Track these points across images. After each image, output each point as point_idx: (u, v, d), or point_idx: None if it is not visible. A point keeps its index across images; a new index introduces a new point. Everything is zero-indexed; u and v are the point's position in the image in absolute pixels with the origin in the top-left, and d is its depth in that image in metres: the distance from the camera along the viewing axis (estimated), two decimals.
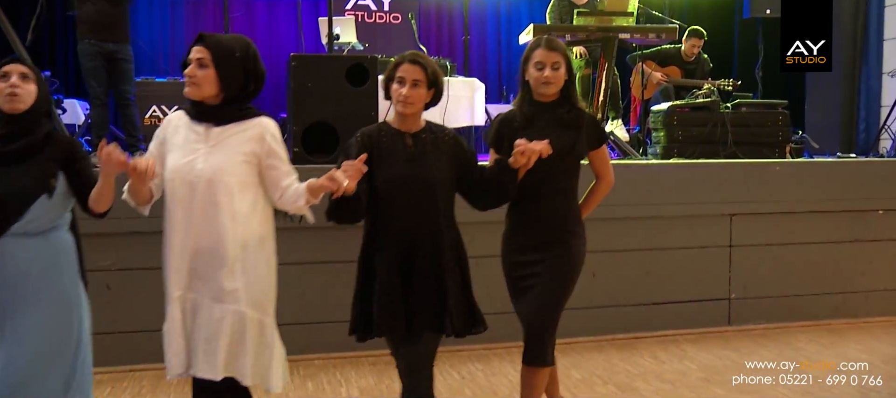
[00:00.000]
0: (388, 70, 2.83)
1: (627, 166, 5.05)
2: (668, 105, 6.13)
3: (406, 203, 2.78)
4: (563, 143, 2.96)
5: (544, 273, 3.03)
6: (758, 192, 5.18)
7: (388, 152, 2.81)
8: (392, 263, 2.78)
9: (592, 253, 4.92)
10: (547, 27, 5.92)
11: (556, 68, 2.96)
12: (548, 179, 2.99)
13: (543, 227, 3.03)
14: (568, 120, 3.00)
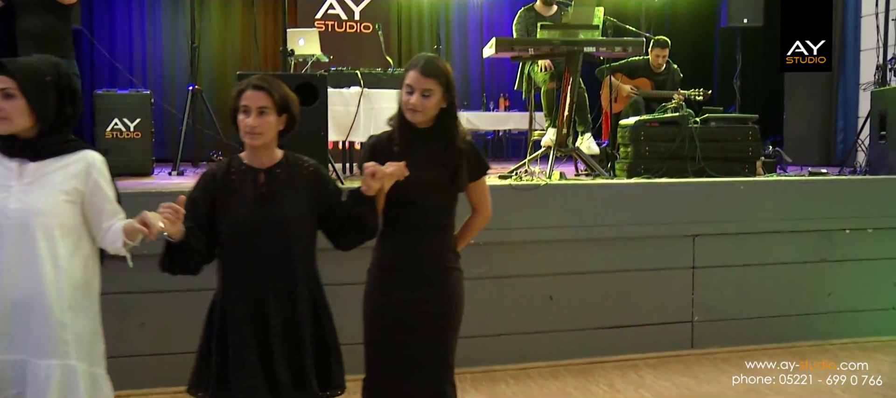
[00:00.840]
0: (233, 98, 2.57)
1: (586, 187, 4.93)
2: (635, 120, 6.01)
3: (255, 249, 2.51)
4: (440, 176, 2.74)
5: (428, 317, 2.76)
6: (721, 212, 5.07)
7: (236, 192, 2.53)
8: (244, 317, 2.51)
9: (549, 276, 4.88)
10: (510, 41, 5.78)
11: (426, 95, 2.67)
12: (425, 213, 2.75)
13: (422, 264, 2.76)
14: (445, 156, 2.74)
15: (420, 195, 2.70)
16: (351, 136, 6.27)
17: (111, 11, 9.23)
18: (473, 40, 11.13)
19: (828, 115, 8.33)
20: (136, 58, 9.05)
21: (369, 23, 8.12)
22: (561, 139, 5.79)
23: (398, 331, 2.75)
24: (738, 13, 8.31)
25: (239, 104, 2.53)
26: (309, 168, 2.66)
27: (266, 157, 2.59)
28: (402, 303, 2.74)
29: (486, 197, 2.98)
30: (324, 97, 4.61)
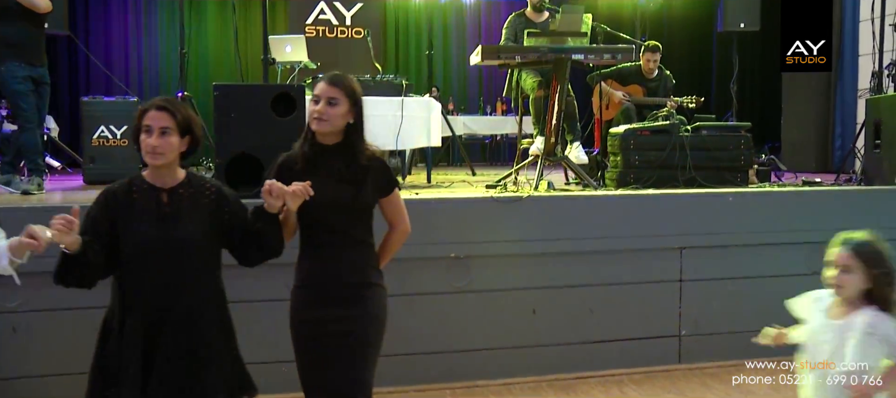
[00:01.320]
0: (135, 118, 2.55)
1: (570, 198, 4.83)
2: (625, 128, 5.90)
3: (155, 269, 2.50)
4: (346, 193, 2.71)
5: (350, 332, 2.71)
6: (709, 224, 4.96)
7: (138, 211, 2.52)
8: (136, 337, 2.47)
9: (532, 289, 4.79)
10: (496, 48, 5.69)
11: (332, 104, 2.68)
12: (336, 231, 2.73)
13: (339, 282, 2.73)
14: (349, 174, 2.71)
15: (327, 213, 2.68)
16: None
17: (100, 17, 9.18)
18: (471, 44, 11.05)
19: (825, 120, 8.21)
20: (127, 64, 8.99)
21: (361, 28, 8.04)
22: (549, 148, 5.70)
23: (318, 351, 2.72)
24: (735, 18, 8.19)
25: (141, 124, 2.52)
26: (212, 188, 2.66)
27: (169, 176, 2.59)
28: (319, 322, 2.71)
29: (402, 212, 2.96)
30: (301, 108, 4.52)
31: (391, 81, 6.45)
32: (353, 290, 2.74)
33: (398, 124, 6.23)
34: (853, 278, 2.68)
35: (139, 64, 9.56)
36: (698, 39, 10.35)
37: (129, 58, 9.54)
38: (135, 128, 2.55)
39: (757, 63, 9.93)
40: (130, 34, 9.53)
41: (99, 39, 9.35)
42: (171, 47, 9.17)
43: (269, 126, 4.47)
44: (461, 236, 4.59)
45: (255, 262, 2.72)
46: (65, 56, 9.27)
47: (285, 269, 2.92)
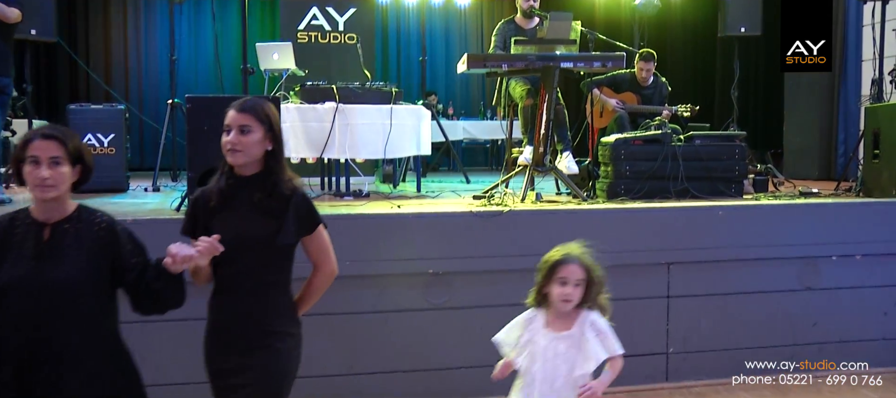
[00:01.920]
0: (17, 149, 2.32)
1: (553, 212, 4.70)
2: (616, 137, 5.77)
3: (24, 312, 2.26)
4: (264, 229, 2.51)
5: (249, 385, 2.50)
6: (698, 238, 4.82)
7: (15, 248, 2.30)
8: (7, 389, 2.25)
9: (514, 306, 4.63)
10: (482, 56, 5.58)
11: (244, 132, 2.51)
12: (250, 272, 2.52)
13: (246, 328, 2.51)
14: (268, 206, 2.52)
15: (241, 252, 2.48)
16: (326, 152, 6.08)
17: (90, 24, 9.13)
18: (469, 49, 10.93)
19: (829, 127, 8.02)
20: (118, 71, 8.93)
21: (354, 34, 7.93)
22: (538, 158, 5.57)
23: (230, 390, 2.53)
24: (735, 22, 8.03)
25: (25, 154, 2.28)
26: (102, 225, 2.41)
27: (56, 210, 2.36)
28: (220, 373, 2.54)
29: (326, 252, 2.73)
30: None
31: (380, 89, 6.33)
32: (259, 339, 2.53)
33: (387, 133, 6.12)
34: (581, 290, 2.88)
35: (129, 71, 9.52)
36: (701, 44, 10.15)
37: (120, 65, 9.49)
38: (17, 158, 2.32)
39: (760, 68, 9.73)
40: (121, 41, 9.48)
41: (88, 46, 9.31)
42: (162, 54, 9.11)
43: None
44: (440, 252, 4.47)
45: (149, 313, 2.46)
46: (52, 63, 9.23)
47: None
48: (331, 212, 4.60)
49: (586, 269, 2.91)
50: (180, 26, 9.08)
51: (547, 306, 2.94)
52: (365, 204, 5.32)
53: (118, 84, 9.26)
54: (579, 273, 2.89)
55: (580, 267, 2.90)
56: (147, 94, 9.57)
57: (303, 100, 6.20)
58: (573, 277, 2.88)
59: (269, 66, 6.61)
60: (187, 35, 9.35)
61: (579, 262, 2.92)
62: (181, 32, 8.38)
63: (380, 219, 4.45)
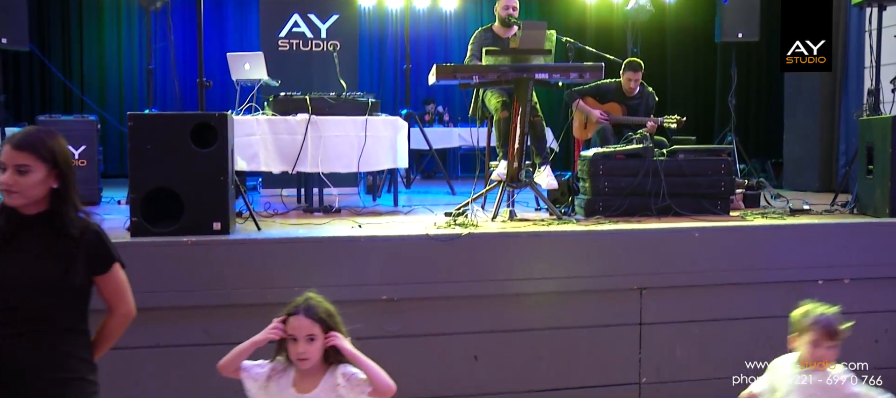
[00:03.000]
0: None
1: (514, 235, 4.44)
2: (594, 152, 5.51)
3: None
4: (51, 271, 2.27)
5: None
6: (673, 262, 4.55)
7: None
8: None
9: (474, 334, 4.42)
10: (452, 67, 5.31)
11: (22, 172, 2.25)
12: (36, 318, 2.27)
13: (36, 378, 2.27)
14: (56, 249, 2.28)
15: (26, 297, 2.25)
16: (298, 166, 5.88)
17: (63, 31, 9.00)
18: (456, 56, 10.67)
19: (830, 137, 7.69)
20: (93, 80, 8.79)
21: (337, 41, 7.70)
22: (513, 173, 5.32)
23: None
24: (732, 27, 7.72)
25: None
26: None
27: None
28: None
29: (122, 292, 2.50)
30: (223, 139, 4.21)
31: (355, 99, 6.11)
32: (51, 389, 2.29)
33: (361, 145, 5.91)
34: (318, 345, 2.58)
35: (107, 80, 9.37)
36: (701, 50, 9.83)
37: (96, 74, 9.34)
38: None
39: (762, 74, 9.42)
40: (95, 49, 9.34)
41: (64, 55, 9.17)
42: (140, 63, 8.96)
43: (188, 158, 4.18)
44: (394, 277, 4.24)
45: None
46: (26, 72, 9.10)
47: None
48: (283, 234, 4.39)
49: (320, 321, 2.59)
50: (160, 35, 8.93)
51: None
52: (329, 221, 5.11)
53: (93, 93, 9.12)
54: (308, 328, 2.58)
55: (309, 320, 2.58)
56: (126, 104, 9.43)
57: (275, 111, 6.00)
58: (301, 333, 2.58)
59: (240, 76, 6.41)
60: (165, 43, 9.18)
61: (306, 314, 2.60)
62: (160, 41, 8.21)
63: (330, 242, 4.23)
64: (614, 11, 9.70)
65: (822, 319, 2.96)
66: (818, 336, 2.95)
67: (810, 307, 3.04)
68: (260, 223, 4.91)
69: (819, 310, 3.01)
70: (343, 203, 6.39)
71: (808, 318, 2.99)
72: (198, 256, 4.07)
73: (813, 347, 2.95)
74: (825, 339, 2.94)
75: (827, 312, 2.99)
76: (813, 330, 2.95)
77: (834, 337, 2.95)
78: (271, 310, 4.13)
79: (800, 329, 3.01)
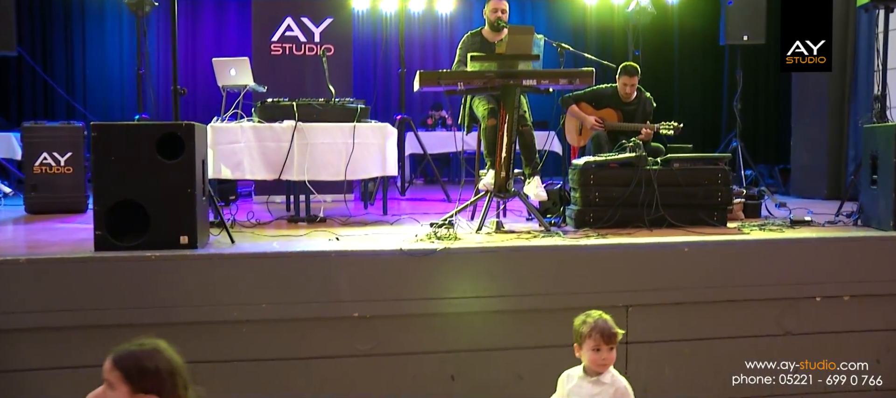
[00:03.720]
0: None
1: (493, 249, 4.26)
2: (585, 161, 5.31)
3: None
4: None
5: None
6: (661, 278, 4.35)
7: None
8: None
9: (451, 352, 4.24)
10: (435, 74, 5.14)
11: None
12: None
13: None
14: None
15: None
16: (284, 174, 5.73)
17: (53, 37, 8.91)
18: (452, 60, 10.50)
19: (838, 142, 7.42)
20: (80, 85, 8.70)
21: (331, 45, 7.55)
22: (500, 183, 5.14)
23: None
24: (737, 29, 7.49)
25: None
26: None
27: None
28: None
29: None
30: (191, 149, 4.06)
31: (344, 106, 5.96)
32: None
33: (349, 153, 5.76)
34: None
35: (93, 85, 9.29)
36: (709, 53, 9.57)
37: (82, 78, 9.26)
38: None
39: (771, 78, 9.16)
40: (85, 54, 9.24)
41: (52, 60, 9.09)
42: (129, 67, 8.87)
43: (154, 170, 4.04)
44: (366, 294, 4.08)
45: None
46: (14, 77, 9.03)
47: None
48: (251, 249, 4.24)
49: (124, 373, 2.11)
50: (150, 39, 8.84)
51: None
52: (308, 233, 4.95)
53: (84, 98, 9.04)
54: (107, 373, 2.12)
55: (110, 365, 2.12)
56: (116, 110, 9.33)
57: (262, 118, 5.86)
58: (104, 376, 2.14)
59: (226, 82, 6.27)
60: (153, 49, 9.12)
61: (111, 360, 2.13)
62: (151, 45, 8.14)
63: (299, 258, 4.07)
64: (615, 13, 9.47)
65: (600, 323, 3.03)
66: (597, 341, 3.02)
67: (586, 314, 3.10)
68: (237, 235, 4.77)
69: (596, 315, 3.08)
70: (331, 211, 6.25)
71: (587, 325, 3.06)
72: (162, 272, 3.93)
73: (594, 353, 3.03)
74: (603, 344, 3.02)
75: (603, 317, 3.07)
76: (592, 336, 3.02)
77: (611, 340, 3.03)
78: (236, 329, 4.02)
79: (581, 337, 3.07)
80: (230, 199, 7.25)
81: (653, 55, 9.11)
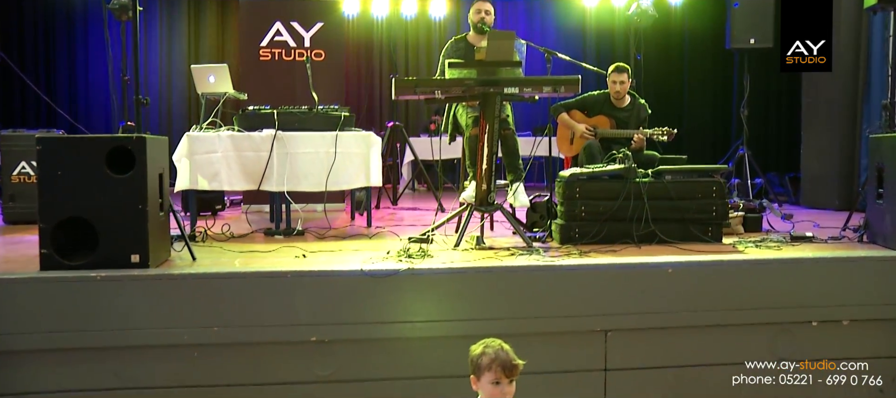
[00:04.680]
0: None
1: (462, 270, 4.00)
2: (571, 172, 5.04)
3: None
4: None
5: None
6: (643, 301, 4.06)
7: None
8: None
9: (413, 379, 3.99)
10: (412, 82, 4.88)
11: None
12: None
13: None
14: None
15: None
16: (264, 184, 5.53)
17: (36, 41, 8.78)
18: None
19: (850, 151, 7.07)
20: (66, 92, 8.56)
21: (322, 50, 7.34)
22: (482, 196, 4.89)
23: None
24: (743, 33, 7.16)
25: None
26: None
27: None
28: None
29: None
30: (142, 164, 3.86)
31: (327, 113, 5.74)
32: None
33: (331, 162, 5.54)
34: None
35: (81, 91, 9.16)
36: (716, 57, 9.21)
37: (64, 84, 9.14)
38: None
39: (783, 83, 8.79)
40: (71, 60, 9.11)
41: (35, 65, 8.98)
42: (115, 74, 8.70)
43: (103, 185, 3.84)
44: (325, 316, 3.84)
45: None
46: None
47: None
48: (207, 270, 4.02)
49: None
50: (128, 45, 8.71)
51: None
52: (278, 249, 4.73)
53: (67, 105, 8.91)
54: None
55: None
56: (100, 117, 9.21)
57: (241, 126, 5.66)
58: None
59: (205, 89, 6.09)
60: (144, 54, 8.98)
61: None
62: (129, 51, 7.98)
63: (254, 278, 3.84)
64: (615, 16, 9.14)
65: (501, 354, 2.83)
66: (497, 373, 2.81)
67: (485, 344, 2.89)
68: (205, 250, 4.59)
69: (496, 345, 2.87)
70: (313, 224, 6.02)
71: (486, 356, 2.84)
72: (108, 293, 3.73)
73: (493, 386, 2.82)
74: (504, 376, 2.81)
75: (504, 347, 2.87)
76: (492, 368, 2.81)
77: (512, 372, 2.84)
78: (187, 352, 3.81)
79: (478, 369, 2.85)
80: (217, 208, 7.06)
81: (656, 60, 8.77)
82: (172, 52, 9.59)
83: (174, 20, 9.78)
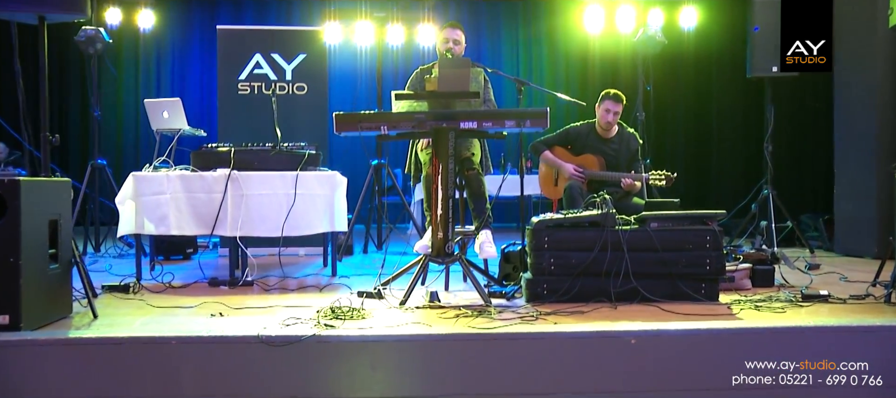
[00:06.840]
0: None
1: (376, 340, 3.37)
2: (538, 219, 4.38)
3: None
4: None
5: None
6: (599, 379, 3.37)
7: None
8: None
9: None
10: (355, 117, 4.29)
11: None
12: None
13: None
14: None
15: None
16: (217, 229, 5.04)
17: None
18: None
19: (889, 192, 6.20)
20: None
21: (304, 84, 6.87)
22: (438, 246, 4.28)
23: None
24: (765, 61, 6.42)
25: None
26: None
27: None
28: None
29: None
30: (14, 210, 3.38)
31: (291, 152, 5.25)
32: None
33: (289, 205, 5.03)
34: None
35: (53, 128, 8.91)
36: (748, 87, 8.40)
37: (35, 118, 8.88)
38: None
39: (820, 114, 7.94)
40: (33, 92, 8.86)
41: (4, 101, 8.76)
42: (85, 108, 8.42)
43: None
44: (214, 389, 3.27)
45: None
46: None
47: None
48: (89, 334, 3.51)
49: None
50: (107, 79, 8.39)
51: None
52: (202, 304, 4.20)
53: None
54: None
55: None
56: (73, 154, 8.91)
57: (196, 166, 5.21)
58: None
59: (159, 126, 5.65)
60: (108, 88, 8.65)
61: None
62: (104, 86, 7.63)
63: (133, 345, 3.30)
64: (621, 44, 8.43)
65: None
66: None
67: None
68: (124, 303, 4.13)
69: None
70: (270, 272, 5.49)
71: None
72: None
73: None
74: None
75: None
76: None
77: None
78: None
79: None
80: (188, 252, 6.61)
81: (666, 91, 7.99)
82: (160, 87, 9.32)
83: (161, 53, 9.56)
